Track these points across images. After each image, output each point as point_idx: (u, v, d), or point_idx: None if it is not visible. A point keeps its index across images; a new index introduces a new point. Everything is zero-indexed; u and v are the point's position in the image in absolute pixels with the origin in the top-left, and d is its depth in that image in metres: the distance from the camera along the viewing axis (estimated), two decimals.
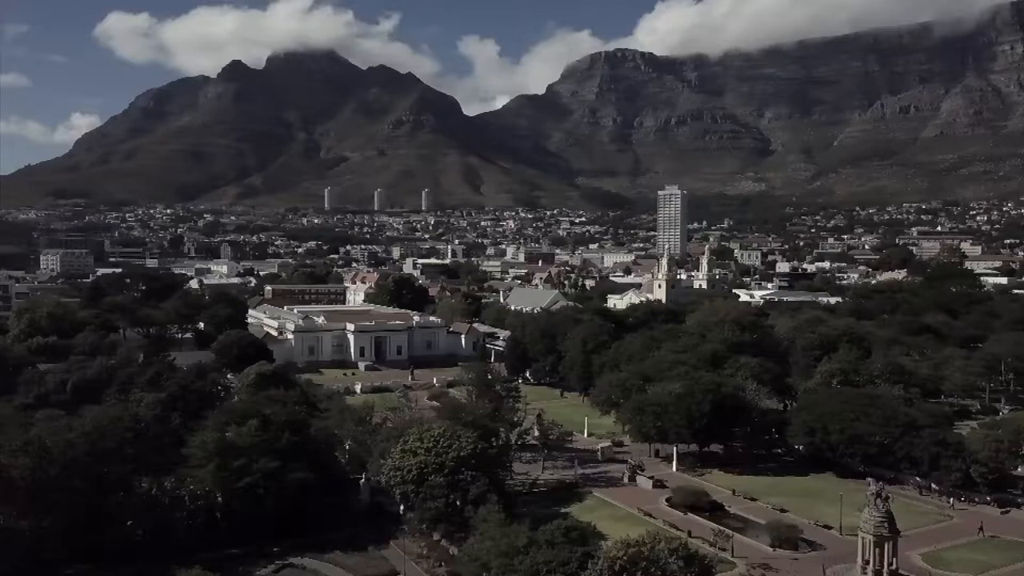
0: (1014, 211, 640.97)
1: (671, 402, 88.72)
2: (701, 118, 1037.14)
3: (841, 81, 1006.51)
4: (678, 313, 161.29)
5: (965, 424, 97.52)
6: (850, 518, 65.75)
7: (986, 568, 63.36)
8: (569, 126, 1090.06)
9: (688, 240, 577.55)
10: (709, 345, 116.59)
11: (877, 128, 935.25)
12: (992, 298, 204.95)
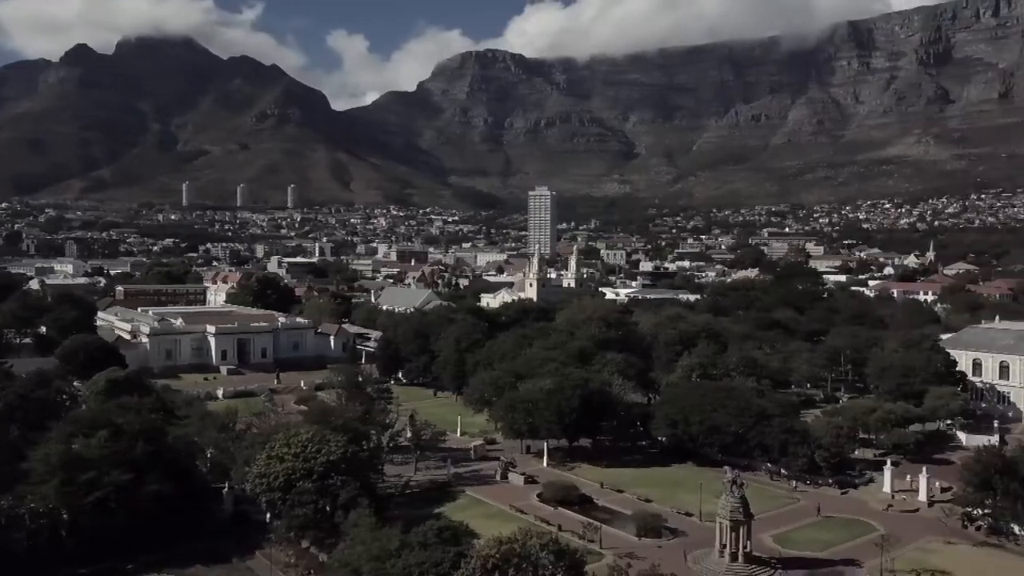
0: (851, 214, 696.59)
1: (542, 398, 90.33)
2: (569, 121, 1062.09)
3: (700, 89, 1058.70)
4: (549, 311, 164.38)
5: (810, 412, 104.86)
6: (709, 505, 69.24)
7: (829, 545, 68.42)
8: (440, 124, 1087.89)
9: (558, 240, 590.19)
10: (578, 342, 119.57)
11: (732, 134, 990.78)
12: (833, 295, 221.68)
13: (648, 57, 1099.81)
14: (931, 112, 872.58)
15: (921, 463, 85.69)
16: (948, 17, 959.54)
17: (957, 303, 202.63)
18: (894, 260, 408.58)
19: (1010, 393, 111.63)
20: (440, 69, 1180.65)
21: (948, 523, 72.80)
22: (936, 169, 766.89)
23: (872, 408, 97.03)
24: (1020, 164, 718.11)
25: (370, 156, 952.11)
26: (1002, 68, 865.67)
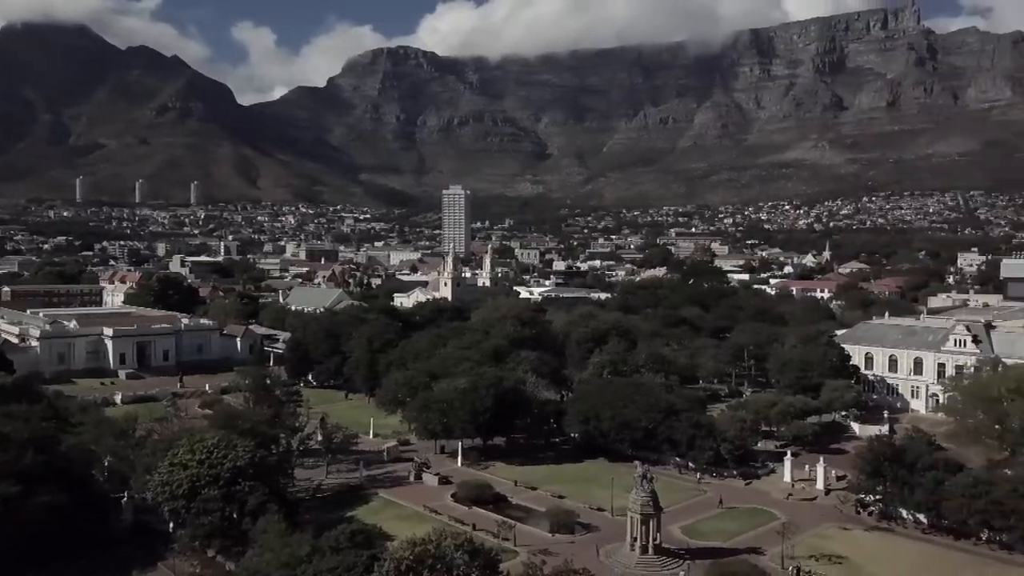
0: (754, 215, 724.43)
1: (456, 398, 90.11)
2: (483, 120, 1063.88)
3: (610, 91, 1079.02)
4: (463, 310, 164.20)
5: (716, 407, 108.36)
6: (620, 499, 70.60)
7: (734, 534, 70.86)
8: (351, 121, 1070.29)
9: (472, 239, 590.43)
10: (492, 341, 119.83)
11: (641, 136, 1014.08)
12: (737, 292, 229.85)
13: (559, 58, 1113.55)
14: (827, 118, 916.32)
15: (819, 453, 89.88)
16: (842, 28, 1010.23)
17: (851, 300, 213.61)
18: (793, 259, 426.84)
19: (898, 385, 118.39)
20: (351, 65, 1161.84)
21: (843, 509, 76.61)
22: (831, 173, 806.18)
23: (773, 402, 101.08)
24: (906, 169, 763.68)
25: (278, 152, 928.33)
26: (890, 78, 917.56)
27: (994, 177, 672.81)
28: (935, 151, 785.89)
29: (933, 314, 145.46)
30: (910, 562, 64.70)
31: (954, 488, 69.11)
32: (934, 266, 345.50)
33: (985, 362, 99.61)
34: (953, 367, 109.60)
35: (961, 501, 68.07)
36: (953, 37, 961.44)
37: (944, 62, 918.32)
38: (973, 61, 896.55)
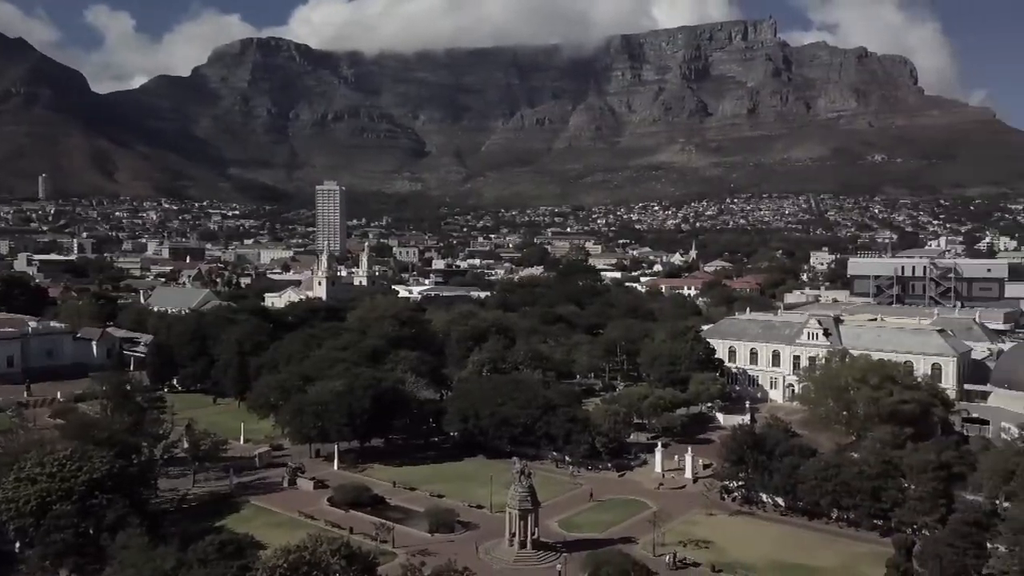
0: (626, 215, 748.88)
1: (332, 400, 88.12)
2: (358, 115, 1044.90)
3: (487, 91, 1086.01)
4: (339, 310, 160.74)
5: (591, 401, 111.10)
6: (499, 496, 71.15)
7: (609, 525, 72.97)
8: (219, 112, 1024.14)
9: (348, 237, 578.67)
10: (370, 341, 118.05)
11: (517, 137, 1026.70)
12: (610, 290, 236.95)
13: (436, 56, 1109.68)
14: (693, 123, 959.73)
15: (687, 443, 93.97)
16: (706, 38, 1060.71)
17: (715, 297, 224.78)
18: (663, 258, 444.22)
19: (759, 376, 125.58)
20: (218, 55, 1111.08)
21: (710, 496, 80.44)
22: (697, 175, 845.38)
23: (645, 395, 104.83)
24: (764, 173, 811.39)
25: (138, 144, 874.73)
26: (750, 87, 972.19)
27: (841, 182, 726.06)
28: (790, 156, 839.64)
29: (789, 309, 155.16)
30: (770, 543, 68.70)
31: (808, 472, 73.99)
32: (790, 264, 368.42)
33: (834, 354, 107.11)
34: (807, 359, 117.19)
35: (814, 484, 73.01)
36: (805, 50, 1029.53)
37: (798, 73, 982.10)
38: (823, 73, 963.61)
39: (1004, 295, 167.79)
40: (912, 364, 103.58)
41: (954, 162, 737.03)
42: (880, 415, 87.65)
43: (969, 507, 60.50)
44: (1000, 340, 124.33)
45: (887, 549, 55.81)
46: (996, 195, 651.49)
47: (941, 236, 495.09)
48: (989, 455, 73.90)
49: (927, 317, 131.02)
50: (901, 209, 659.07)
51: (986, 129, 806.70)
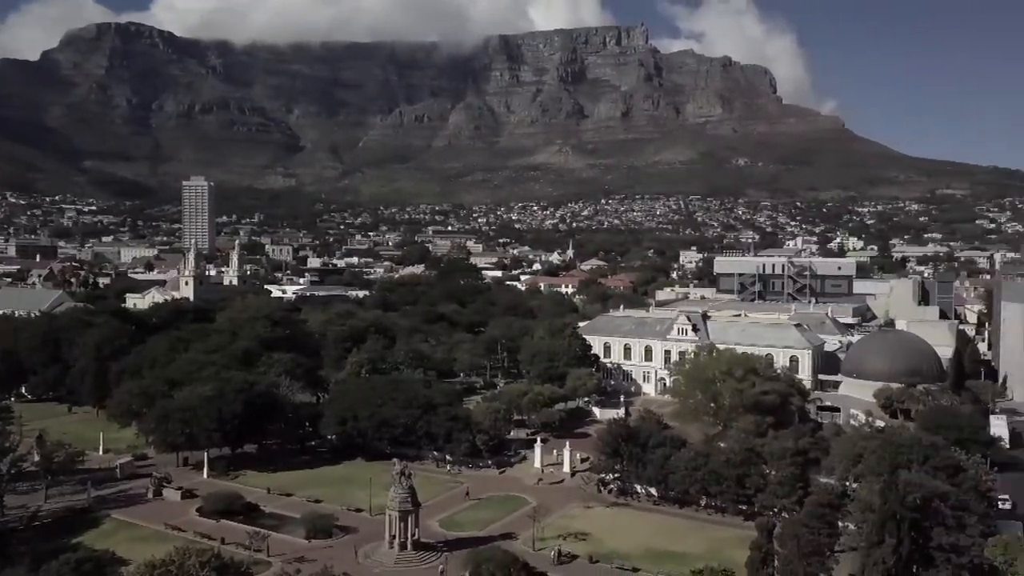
0: (506, 215, 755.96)
1: (200, 405, 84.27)
2: (228, 108, 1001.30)
3: (365, 86, 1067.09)
4: (208, 311, 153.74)
5: (472, 399, 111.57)
6: (379, 498, 70.17)
7: (490, 522, 73.41)
8: (73, 101, 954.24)
9: (217, 234, 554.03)
10: (241, 343, 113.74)
11: (396, 133, 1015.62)
12: (491, 288, 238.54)
13: (311, 49, 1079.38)
14: (569, 125, 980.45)
15: (565, 438, 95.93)
16: (582, 41, 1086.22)
17: (591, 295, 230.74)
18: (541, 257, 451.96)
19: (632, 371, 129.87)
20: (71, 38, 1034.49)
21: (587, 489, 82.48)
22: (574, 176, 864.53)
23: (525, 391, 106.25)
24: (637, 175, 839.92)
25: None
26: (624, 91, 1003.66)
27: (708, 184, 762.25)
28: (661, 159, 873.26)
29: (660, 306, 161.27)
30: (643, 532, 71.17)
31: (678, 462, 77.20)
32: (661, 263, 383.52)
33: (702, 348, 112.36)
34: (677, 353, 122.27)
35: (684, 473, 76.25)
36: (675, 57, 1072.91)
37: (668, 79, 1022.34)
38: (691, 80, 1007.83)
39: (853, 291, 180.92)
40: (772, 357, 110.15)
41: (809, 167, 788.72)
42: (744, 405, 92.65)
43: (823, 489, 64.82)
44: (849, 333, 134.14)
45: (751, 532, 58.95)
46: (845, 198, 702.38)
47: (798, 236, 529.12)
48: (840, 440, 79.55)
49: (785, 312, 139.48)
50: (762, 211, 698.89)
51: (837, 137, 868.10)
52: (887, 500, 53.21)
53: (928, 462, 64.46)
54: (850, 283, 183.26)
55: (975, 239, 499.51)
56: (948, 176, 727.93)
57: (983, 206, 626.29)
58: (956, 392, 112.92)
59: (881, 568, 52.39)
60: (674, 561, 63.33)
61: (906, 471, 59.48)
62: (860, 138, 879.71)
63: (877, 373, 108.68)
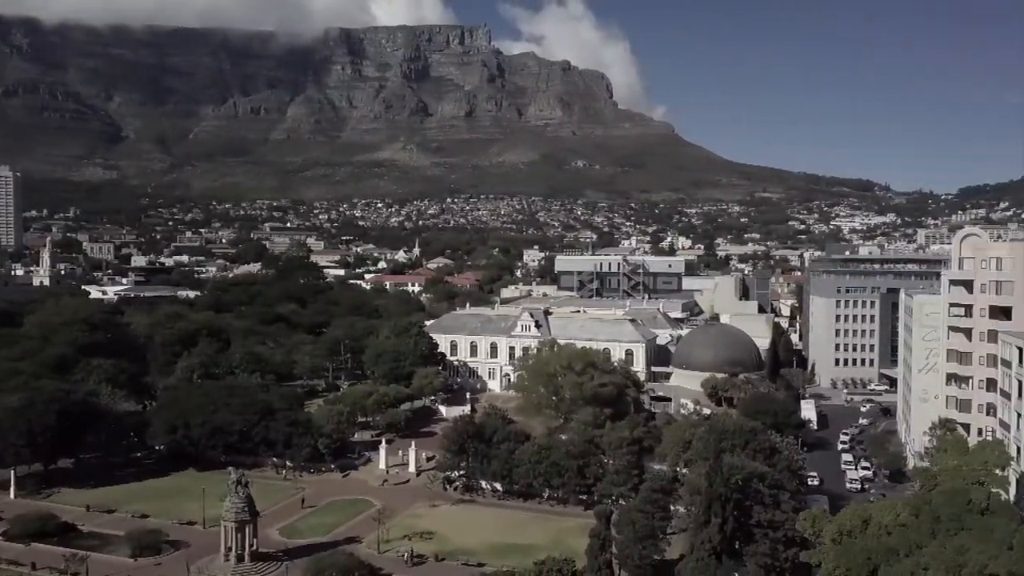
0: (349, 212, 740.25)
1: (6, 418, 76.60)
2: (37, 91, 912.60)
3: (195, 74, 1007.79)
4: (14, 315, 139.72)
5: (314, 402, 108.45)
6: (214, 510, 66.64)
7: (334, 527, 71.67)
8: None
9: (26, 230, 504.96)
10: (55, 349, 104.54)
11: (231, 125, 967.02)
12: (333, 288, 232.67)
13: (134, 32, 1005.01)
14: (414, 122, 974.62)
15: (411, 438, 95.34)
16: (425, 39, 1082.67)
17: (437, 293, 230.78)
18: (387, 255, 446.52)
19: (478, 368, 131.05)
20: None
21: (432, 488, 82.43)
22: (419, 174, 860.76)
23: (369, 392, 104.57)
24: (482, 174, 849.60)
25: None
26: (467, 90, 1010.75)
27: (550, 185, 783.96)
28: (505, 159, 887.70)
29: (505, 304, 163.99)
30: (489, 527, 72.07)
31: (522, 456, 78.84)
32: (505, 262, 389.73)
33: (544, 344, 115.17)
34: (521, 349, 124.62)
35: (528, 467, 77.99)
36: (517, 59, 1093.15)
37: (511, 81, 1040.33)
38: (532, 83, 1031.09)
39: (682, 288, 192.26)
40: (609, 351, 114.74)
41: (642, 170, 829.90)
42: (584, 398, 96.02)
43: (656, 476, 68.42)
44: (679, 327, 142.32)
45: (592, 521, 61.23)
46: (675, 200, 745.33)
47: (632, 236, 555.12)
48: (671, 428, 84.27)
49: (621, 308, 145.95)
50: (600, 211, 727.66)
51: (667, 142, 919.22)
52: (712, 483, 56.97)
53: (749, 446, 69.57)
54: (679, 280, 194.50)
55: (788, 239, 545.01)
56: (765, 181, 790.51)
57: (795, 209, 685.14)
58: (772, 380, 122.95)
59: (708, 546, 56.04)
60: (518, 554, 64.54)
61: (729, 455, 63.87)
62: (688, 143, 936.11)
63: (704, 364, 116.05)
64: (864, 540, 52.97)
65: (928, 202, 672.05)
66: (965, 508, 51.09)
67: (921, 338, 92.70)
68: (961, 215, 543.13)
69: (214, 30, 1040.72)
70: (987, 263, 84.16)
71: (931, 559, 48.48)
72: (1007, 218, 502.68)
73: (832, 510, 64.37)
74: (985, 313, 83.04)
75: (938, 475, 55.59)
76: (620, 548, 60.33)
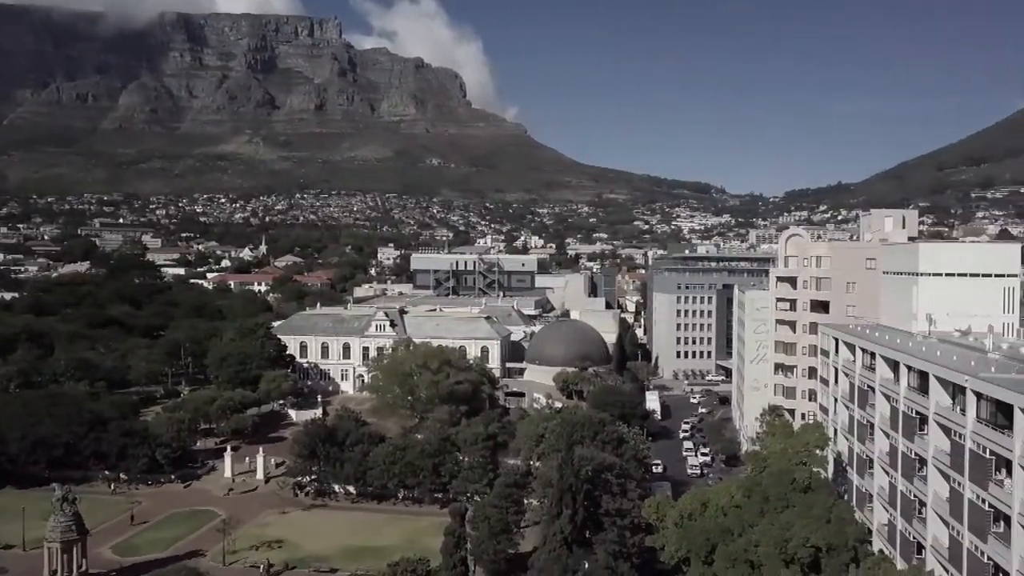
0: (189, 207, 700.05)
1: None
2: None
3: (13, 54, 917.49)
4: None
5: (151, 410, 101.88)
6: (36, 531, 61.14)
7: (174, 541, 67.61)
8: None
9: None
10: None
11: (53, 112, 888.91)
12: (172, 288, 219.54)
13: None
14: (260, 115, 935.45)
15: (259, 444, 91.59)
16: (272, 29, 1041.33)
17: (286, 292, 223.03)
18: (231, 253, 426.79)
19: (330, 370, 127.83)
20: None
21: (282, 495, 79.65)
22: (266, 168, 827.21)
23: (213, 398, 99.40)
24: (333, 169, 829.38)
25: None
26: (318, 83, 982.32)
27: (404, 182, 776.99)
28: (357, 155, 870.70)
29: (359, 303, 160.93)
30: (342, 531, 70.51)
31: (377, 458, 77.74)
32: (359, 260, 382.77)
33: (399, 343, 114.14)
34: (375, 349, 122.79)
35: (383, 468, 77.00)
36: (369, 54, 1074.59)
37: (363, 76, 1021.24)
38: (385, 78, 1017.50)
39: (535, 285, 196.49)
40: (465, 348, 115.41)
41: (496, 170, 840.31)
42: (440, 396, 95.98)
43: (510, 470, 69.51)
44: (532, 324, 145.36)
45: (447, 519, 61.27)
46: (528, 200, 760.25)
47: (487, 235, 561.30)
48: (524, 423, 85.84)
49: (477, 306, 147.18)
50: (455, 210, 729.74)
51: (520, 143, 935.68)
52: (563, 475, 58.58)
53: (598, 437, 72.11)
54: (533, 278, 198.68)
55: (633, 238, 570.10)
56: (612, 182, 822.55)
57: (639, 209, 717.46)
58: (620, 372, 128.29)
59: (559, 537, 57.57)
60: (373, 556, 63.59)
61: (580, 447, 65.93)
62: (540, 145, 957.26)
63: (555, 359, 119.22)
64: (703, 522, 56.30)
65: (759, 204, 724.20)
66: (790, 487, 55.39)
67: (752, 331, 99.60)
68: (787, 216, 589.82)
69: (34, 7, 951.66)
70: (809, 261, 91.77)
71: (761, 536, 52.25)
72: (826, 219, 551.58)
73: (674, 495, 67.98)
74: (807, 307, 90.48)
75: (767, 458, 59.90)
76: (475, 544, 60.81)
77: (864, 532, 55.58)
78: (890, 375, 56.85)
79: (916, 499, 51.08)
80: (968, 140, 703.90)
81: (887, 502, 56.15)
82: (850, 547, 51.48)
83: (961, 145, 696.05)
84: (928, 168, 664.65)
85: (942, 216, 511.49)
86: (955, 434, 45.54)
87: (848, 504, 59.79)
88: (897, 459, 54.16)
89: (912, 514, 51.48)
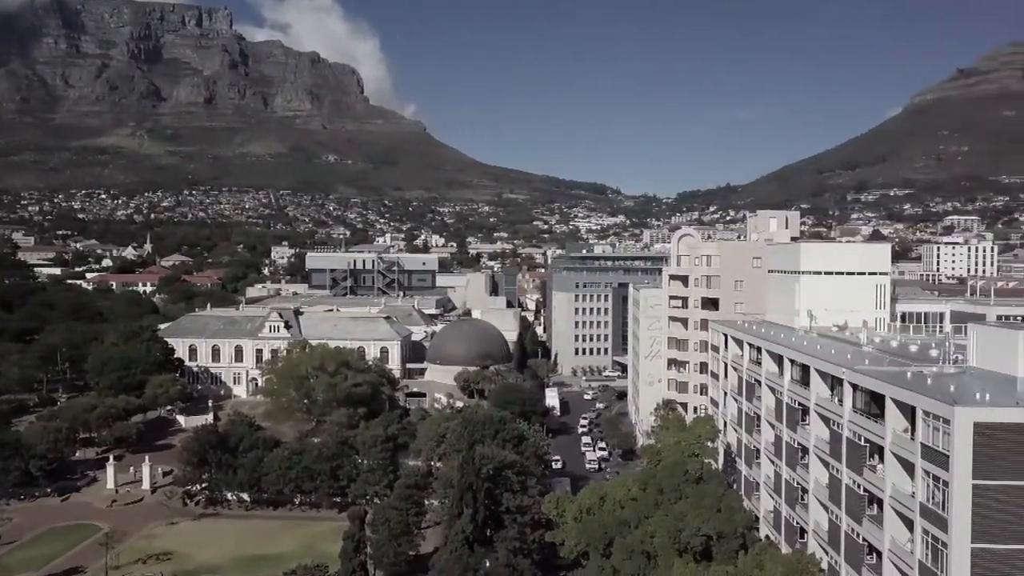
0: (66, 203, 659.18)
1: None
2: None
3: None
4: None
5: (24, 419, 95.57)
6: None
7: (50, 559, 63.54)
8: None
9: None
10: None
11: None
12: (47, 289, 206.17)
13: None
14: (144, 107, 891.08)
15: (145, 452, 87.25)
16: (157, 17, 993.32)
17: (174, 293, 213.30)
18: (113, 251, 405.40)
19: (221, 373, 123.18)
20: None
21: (170, 505, 76.14)
22: (151, 163, 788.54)
23: (93, 405, 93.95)
24: (224, 165, 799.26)
25: None
26: (207, 75, 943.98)
27: (299, 179, 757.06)
28: (249, 150, 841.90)
29: (252, 304, 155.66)
30: (235, 540, 68.04)
31: (272, 463, 75.41)
32: (252, 259, 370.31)
33: (295, 344, 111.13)
34: (269, 352, 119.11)
35: (278, 474, 74.76)
36: (261, 47, 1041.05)
37: (255, 69, 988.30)
38: (279, 72, 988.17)
39: (436, 284, 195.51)
40: (364, 349, 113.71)
41: (395, 167, 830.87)
42: (338, 399, 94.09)
43: (410, 472, 68.87)
44: (433, 323, 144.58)
45: (346, 524, 60.05)
46: (428, 198, 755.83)
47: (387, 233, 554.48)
48: (425, 423, 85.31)
49: (376, 306, 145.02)
50: (353, 208, 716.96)
51: (419, 140, 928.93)
52: (464, 474, 58.55)
53: (499, 435, 72.44)
54: (434, 277, 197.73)
55: (533, 238, 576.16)
56: (512, 182, 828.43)
57: (539, 209, 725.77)
58: (520, 370, 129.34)
59: (461, 537, 57.50)
60: (268, 564, 61.70)
61: (481, 445, 66.03)
62: (440, 143, 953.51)
63: (456, 358, 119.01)
64: (601, 516, 57.46)
65: (653, 205, 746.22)
66: (683, 479, 57.29)
67: (647, 328, 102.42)
68: (679, 217, 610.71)
69: None
70: (699, 260, 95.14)
71: (656, 527, 53.81)
72: (716, 219, 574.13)
73: (574, 490, 69.07)
74: (698, 304, 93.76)
75: (661, 451, 61.74)
76: (375, 548, 59.93)
77: (752, 519, 58.15)
78: (775, 369, 59.68)
79: (799, 486, 53.85)
80: (844, 146, 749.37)
81: (773, 490, 58.95)
82: (739, 534, 53.71)
83: (838, 150, 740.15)
84: (809, 172, 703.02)
85: (821, 217, 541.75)
86: (834, 424, 48.24)
87: (737, 493, 62.38)
88: (782, 449, 56.94)
89: (795, 500, 54.25)
